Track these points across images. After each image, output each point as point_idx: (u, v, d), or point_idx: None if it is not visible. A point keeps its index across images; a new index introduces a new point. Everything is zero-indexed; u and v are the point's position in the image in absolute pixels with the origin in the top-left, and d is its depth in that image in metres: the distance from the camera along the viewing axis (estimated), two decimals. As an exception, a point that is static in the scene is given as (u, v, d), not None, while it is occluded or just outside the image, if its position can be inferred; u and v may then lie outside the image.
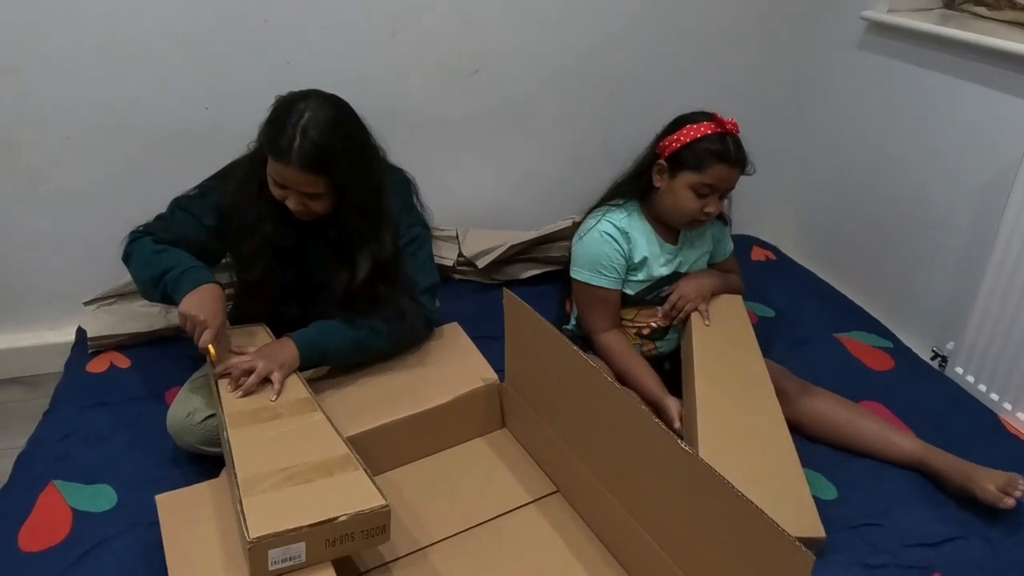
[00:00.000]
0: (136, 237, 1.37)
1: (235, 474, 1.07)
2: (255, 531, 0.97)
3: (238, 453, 1.11)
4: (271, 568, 0.99)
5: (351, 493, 1.05)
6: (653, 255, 1.54)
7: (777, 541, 0.87)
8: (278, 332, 1.38)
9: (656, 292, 1.56)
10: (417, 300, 1.39)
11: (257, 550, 0.97)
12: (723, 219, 1.65)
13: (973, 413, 1.56)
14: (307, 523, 0.99)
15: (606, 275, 1.51)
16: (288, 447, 1.13)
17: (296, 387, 1.27)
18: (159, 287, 1.29)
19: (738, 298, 1.61)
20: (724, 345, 1.48)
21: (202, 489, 1.21)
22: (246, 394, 1.22)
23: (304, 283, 1.39)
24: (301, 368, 1.31)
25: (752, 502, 0.90)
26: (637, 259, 1.53)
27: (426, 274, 1.43)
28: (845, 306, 1.94)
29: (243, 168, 1.34)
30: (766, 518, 0.88)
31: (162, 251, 1.31)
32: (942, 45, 1.77)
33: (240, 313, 1.43)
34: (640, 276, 1.54)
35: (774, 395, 1.36)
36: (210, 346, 1.24)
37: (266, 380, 1.25)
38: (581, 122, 2.07)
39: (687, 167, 1.45)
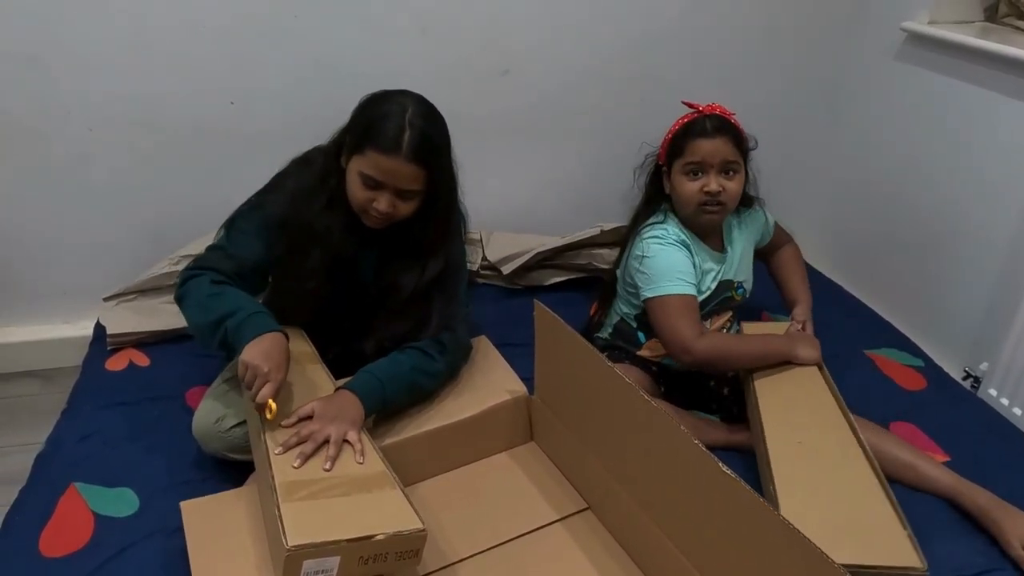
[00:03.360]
0: (191, 276, 1.26)
1: (272, 477, 1.04)
2: (293, 539, 0.94)
3: (276, 458, 1.08)
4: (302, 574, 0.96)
5: (389, 512, 1.02)
6: (706, 269, 1.51)
7: (824, 569, 0.84)
8: (316, 339, 1.36)
9: (708, 305, 1.52)
10: (458, 329, 1.36)
11: (293, 559, 0.94)
12: (747, 201, 1.59)
13: (1008, 438, 1.53)
14: (346, 537, 0.97)
15: (688, 280, 1.44)
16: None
17: None
18: (216, 334, 1.18)
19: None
20: (787, 384, 1.44)
21: (228, 497, 1.19)
22: (333, 464, 1.10)
23: (353, 293, 1.35)
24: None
25: (796, 529, 0.88)
26: (697, 274, 1.49)
27: (466, 303, 1.41)
28: (875, 322, 1.91)
29: (307, 179, 1.29)
30: (811, 545, 0.86)
31: (219, 293, 1.21)
32: (984, 59, 1.73)
33: (278, 319, 1.41)
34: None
35: (845, 421, 1.33)
36: (270, 401, 1.12)
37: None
38: (611, 125, 2.04)
39: (674, 155, 1.47)
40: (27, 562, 1.15)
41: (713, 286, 1.51)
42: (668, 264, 1.44)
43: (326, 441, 1.11)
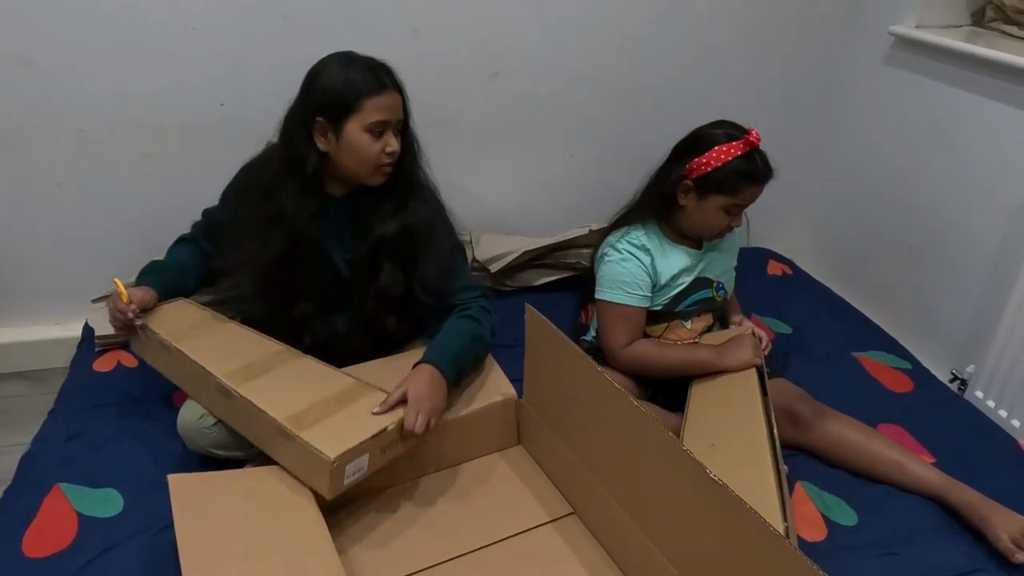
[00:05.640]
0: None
1: (272, 420, 1.14)
2: (332, 452, 1.08)
3: (264, 403, 1.17)
4: (346, 482, 1.12)
5: None
6: (680, 269, 1.52)
7: (805, 574, 0.84)
8: (291, 337, 1.37)
9: (683, 302, 1.53)
10: (487, 308, 1.39)
11: (339, 467, 1.09)
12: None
13: (994, 440, 1.53)
14: (368, 436, 1.12)
15: (630, 292, 1.48)
16: (301, 388, 1.22)
17: (265, 343, 1.33)
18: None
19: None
20: (722, 388, 1.43)
21: (216, 476, 1.19)
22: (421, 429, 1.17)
23: (321, 277, 1.37)
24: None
25: (780, 534, 0.88)
26: (664, 277, 1.50)
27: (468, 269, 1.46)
28: (863, 324, 1.92)
29: (273, 159, 1.33)
30: (795, 551, 0.86)
31: (169, 250, 1.46)
32: (970, 63, 1.74)
33: (253, 312, 1.41)
34: (666, 289, 1.52)
35: (765, 426, 1.29)
36: (116, 280, 1.32)
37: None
38: (601, 128, 2.05)
39: (717, 190, 1.43)
40: (10, 562, 1.15)
41: (689, 280, 1.53)
42: (620, 272, 1.49)
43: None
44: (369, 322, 1.37)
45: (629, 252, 1.49)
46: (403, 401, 1.19)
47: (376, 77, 1.25)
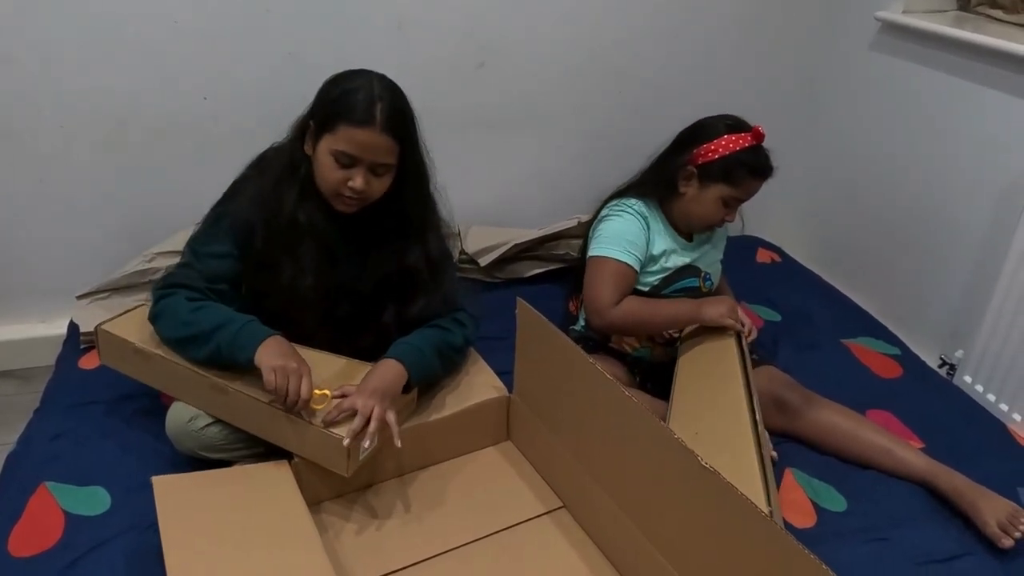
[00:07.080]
0: (164, 295, 1.24)
1: (277, 409, 1.16)
2: (344, 431, 1.12)
3: (263, 394, 1.17)
4: (361, 457, 1.16)
5: None
6: (670, 249, 1.52)
7: (802, 564, 0.84)
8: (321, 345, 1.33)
9: (671, 286, 1.53)
10: (465, 308, 1.37)
11: (353, 448, 1.13)
12: None
13: (982, 424, 1.54)
14: None
15: (629, 251, 1.47)
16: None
17: None
18: (205, 348, 1.18)
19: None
20: (705, 373, 1.42)
21: (200, 476, 1.18)
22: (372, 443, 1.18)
23: (344, 286, 1.32)
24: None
25: (775, 523, 0.88)
26: (655, 249, 1.50)
27: (458, 288, 1.40)
28: (852, 311, 1.92)
29: (270, 177, 1.27)
30: (790, 540, 0.86)
31: (200, 308, 1.20)
32: (957, 48, 1.74)
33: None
34: (655, 268, 1.52)
35: (748, 413, 1.28)
36: (317, 392, 1.18)
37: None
38: (589, 120, 2.04)
39: (720, 179, 1.44)
40: (-4, 562, 1.14)
41: (679, 263, 1.53)
42: (620, 231, 1.48)
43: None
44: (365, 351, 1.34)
45: (630, 214, 1.49)
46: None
47: (367, 110, 1.17)
